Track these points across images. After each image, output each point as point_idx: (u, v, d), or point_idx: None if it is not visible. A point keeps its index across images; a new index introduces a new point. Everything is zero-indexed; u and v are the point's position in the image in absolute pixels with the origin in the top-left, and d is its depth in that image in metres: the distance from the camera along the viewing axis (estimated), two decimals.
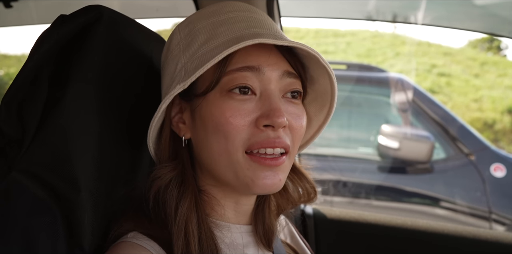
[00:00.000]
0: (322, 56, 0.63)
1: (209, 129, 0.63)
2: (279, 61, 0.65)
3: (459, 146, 2.76)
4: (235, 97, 0.62)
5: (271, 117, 0.61)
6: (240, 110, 0.62)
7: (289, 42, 0.60)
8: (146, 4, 1.84)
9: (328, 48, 8.15)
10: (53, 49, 0.65)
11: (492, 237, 1.25)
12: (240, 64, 0.63)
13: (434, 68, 7.42)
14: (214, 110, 0.63)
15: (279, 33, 0.66)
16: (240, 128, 0.62)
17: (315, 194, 0.78)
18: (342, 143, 3.38)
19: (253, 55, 0.63)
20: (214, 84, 0.63)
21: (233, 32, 0.64)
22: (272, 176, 0.63)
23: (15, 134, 0.64)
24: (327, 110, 0.72)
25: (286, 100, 0.66)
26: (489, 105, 6.55)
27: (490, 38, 8.17)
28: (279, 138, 0.62)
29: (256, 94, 0.64)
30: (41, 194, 0.61)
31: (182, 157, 0.68)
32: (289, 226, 0.89)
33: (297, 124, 0.65)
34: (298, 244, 0.87)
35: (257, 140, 0.62)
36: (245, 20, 0.66)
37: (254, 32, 0.63)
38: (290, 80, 0.66)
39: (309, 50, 0.62)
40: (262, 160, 0.62)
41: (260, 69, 0.63)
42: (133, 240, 0.62)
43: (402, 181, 2.84)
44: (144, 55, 0.79)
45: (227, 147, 0.62)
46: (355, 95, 3.18)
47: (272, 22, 0.71)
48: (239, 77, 0.62)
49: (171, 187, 0.64)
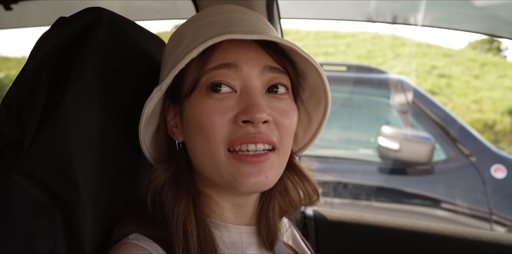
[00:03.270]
0: (300, 48, 0.62)
1: (193, 129, 0.64)
2: (259, 56, 0.64)
3: (459, 147, 2.76)
4: (213, 96, 0.62)
5: (249, 113, 0.60)
6: (219, 108, 0.62)
7: (259, 36, 0.59)
8: (146, 6, 1.84)
9: (328, 49, 8.16)
10: (53, 51, 0.66)
11: (492, 238, 1.24)
12: (218, 62, 0.63)
13: (434, 70, 7.43)
14: (196, 110, 0.63)
15: (257, 29, 0.65)
16: (220, 125, 0.61)
17: (318, 196, 0.77)
18: (342, 144, 3.38)
19: (231, 52, 0.63)
20: (194, 84, 0.64)
21: (210, 32, 0.63)
22: (256, 173, 0.61)
23: (15, 136, 0.63)
24: (324, 105, 0.71)
25: (271, 95, 0.65)
26: (489, 107, 6.55)
27: (490, 39, 8.18)
28: (260, 133, 0.61)
29: (237, 91, 0.63)
30: (41, 197, 0.61)
31: (176, 159, 0.68)
32: (291, 228, 0.89)
33: (283, 120, 0.64)
34: (300, 246, 0.87)
35: (237, 135, 0.61)
36: (226, 20, 0.66)
37: (228, 30, 0.62)
38: (272, 75, 0.65)
39: (284, 42, 0.61)
40: (243, 157, 0.61)
41: (237, 65, 0.63)
42: (134, 241, 0.62)
43: (402, 182, 2.84)
44: (144, 57, 0.79)
45: (209, 146, 0.62)
46: (355, 96, 3.18)
47: (259, 19, 0.69)
48: (217, 75, 0.62)
49: (166, 188, 0.64)
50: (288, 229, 0.87)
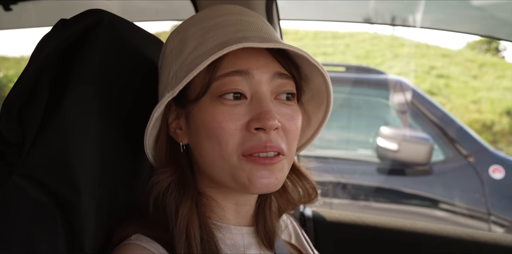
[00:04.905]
0: (311, 56, 0.62)
1: (202, 134, 0.64)
2: (269, 63, 0.64)
3: (457, 147, 2.77)
4: (225, 102, 0.62)
5: (261, 120, 0.60)
6: (231, 115, 0.62)
7: (275, 44, 0.60)
8: (146, 6, 1.84)
9: (327, 49, 8.16)
10: (54, 53, 0.66)
11: (491, 239, 1.25)
12: (229, 69, 0.63)
13: (432, 70, 7.43)
14: (206, 116, 0.63)
15: (268, 35, 0.65)
16: (232, 132, 0.62)
17: (316, 194, 0.78)
18: (341, 144, 3.38)
19: (242, 59, 0.63)
20: (204, 90, 0.63)
21: (221, 37, 0.63)
22: (268, 175, 0.62)
23: (15, 138, 0.64)
24: (325, 108, 0.72)
25: (279, 102, 0.65)
26: (488, 107, 6.56)
27: (489, 40, 8.19)
28: (271, 142, 0.61)
29: (247, 98, 0.63)
30: (41, 198, 0.61)
31: (181, 162, 0.68)
32: (294, 225, 0.89)
33: (290, 126, 0.65)
34: (302, 244, 0.87)
35: (250, 144, 0.61)
36: (234, 24, 0.66)
37: (241, 36, 0.62)
38: (281, 81, 0.65)
39: (296, 50, 0.61)
40: (257, 159, 0.62)
41: (249, 72, 0.63)
42: (136, 242, 0.62)
43: (401, 182, 2.84)
44: (145, 59, 0.79)
45: (221, 152, 0.62)
46: (354, 97, 3.19)
47: (264, 22, 0.70)
48: (228, 82, 0.62)
49: (171, 191, 0.64)
50: (288, 226, 0.87)
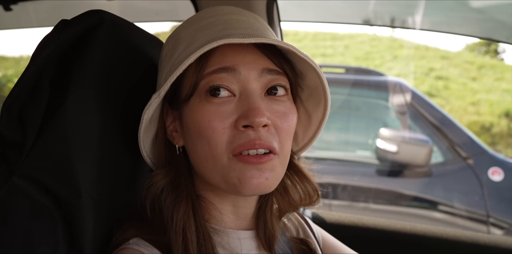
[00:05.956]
0: (298, 49, 0.61)
1: (193, 134, 0.63)
2: (257, 59, 0.64)
3: (457, 149, 2.77)
4: (212, 100, 0.62)
5: (249, 117, 0.59)
6: (219, 113, 0.61)
7: (257, 39, 0.59)
8: (146, 7, 1.84)
9: (326, 51, 8.16)
10: (55, 53, 0.66)
11: (490, 241, 1.25)
12: (216, 66, 0.62)
13: (431, 72, 7.44)
14: (195, 116, 0.63)
15: (257, 31, 0.64)
16: (221, 131, 0.61)
17: (318, 196, 0.76)
18: (340, 146, 3.38)
19: (228, 56, 0.63)
20: (193, 89, 0.63)
21: (207, 36, 0.63)
22: (258, 175, 0.61)
23: (16, 138, 0.63)
24: (324, 105, 0.71)
25: (270, 98, 0.64)
26: (487, 109, 6.57)
27: (488, 41, 8.21)
28: (260, 139, 0.60)
29: (236, 95, 0.63)
30: (41, 199, 0.61)
31: (175, 163, 0.68)
32: (299, 219, 0.87)
33: (283, 123, 0.64)
34: (309, 236, 0.85)
35: (239, 142, 0.61)
36: (222, 23, 0.65)
37: (226, 34, 0.62)
38: (271, 77, 0.64)
39: (282, 45, 0.60)
40: (246, 158, 0.61)
41: (235, 69, 0.62)
42: (134, 246, 0.62)
43: (400, 184, 2.84)
44: (146, 60, 0.79)
45: (211, 152, 0.62)
46: (353, 98, 3.19)
47: (256, 20, 0.69)
48: (215, 79, 0.62)
49: (165, 194, 0.64)
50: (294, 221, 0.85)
